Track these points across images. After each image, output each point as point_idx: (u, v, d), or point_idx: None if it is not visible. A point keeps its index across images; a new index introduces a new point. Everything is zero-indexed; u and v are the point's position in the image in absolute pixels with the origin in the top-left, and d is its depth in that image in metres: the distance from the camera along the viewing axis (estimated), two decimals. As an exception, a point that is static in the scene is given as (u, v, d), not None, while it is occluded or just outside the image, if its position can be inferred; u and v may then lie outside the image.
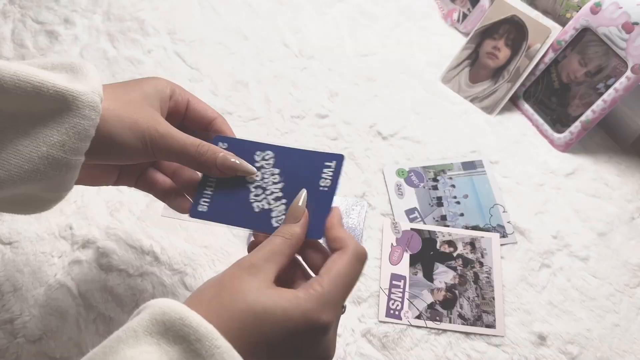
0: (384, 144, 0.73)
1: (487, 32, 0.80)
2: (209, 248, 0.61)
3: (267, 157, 0.42)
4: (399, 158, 0.72)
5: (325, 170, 0.41)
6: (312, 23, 0.88)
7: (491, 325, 0.58)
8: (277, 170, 0.42)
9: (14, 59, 0.78)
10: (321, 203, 0.39)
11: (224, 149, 0.40)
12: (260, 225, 0.40)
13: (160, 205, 0.45)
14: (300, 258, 0.39)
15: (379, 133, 0.74)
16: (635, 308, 0.61)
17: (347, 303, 0.59)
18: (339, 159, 0.41)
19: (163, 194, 0.44)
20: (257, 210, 0.41)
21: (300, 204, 0.38)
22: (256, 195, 0.41)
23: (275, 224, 0.40)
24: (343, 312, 0.37)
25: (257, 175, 0.41)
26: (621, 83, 0.69)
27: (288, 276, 0.38)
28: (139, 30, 0.83)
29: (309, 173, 0.41)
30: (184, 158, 0.38)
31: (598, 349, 0.58)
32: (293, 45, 0.84)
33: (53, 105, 0.33)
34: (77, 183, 0.37)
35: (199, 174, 0.43)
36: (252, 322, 0.31)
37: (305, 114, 0.75)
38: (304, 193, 0.39)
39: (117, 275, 0.57)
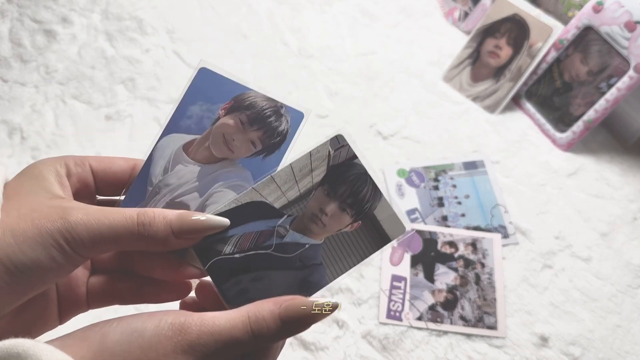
0: (384, 144, 0.72)
1: (489, 31, 0.80)
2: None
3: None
4: (400, 158, 0.71)
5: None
6: (312, 22, 0.87)
7: (492, 327, 0.58)
8: None
9: (11, 58, 0.78)
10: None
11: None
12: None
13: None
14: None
15: (379, 133, 0.73)
16: (637, 309, 0.60)
17: (347, 304, 0.59)
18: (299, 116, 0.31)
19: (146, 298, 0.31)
20: None
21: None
22: None
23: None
24: None
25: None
26: (623, 82, 0.68)
27: None
28: (138, 29, 0.83)
29: None
30: (124, 240, 0.26)
31: (600, 350, 0.57)
32: (292, 44, 0.84)
33: None
34: None
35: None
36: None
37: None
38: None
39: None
